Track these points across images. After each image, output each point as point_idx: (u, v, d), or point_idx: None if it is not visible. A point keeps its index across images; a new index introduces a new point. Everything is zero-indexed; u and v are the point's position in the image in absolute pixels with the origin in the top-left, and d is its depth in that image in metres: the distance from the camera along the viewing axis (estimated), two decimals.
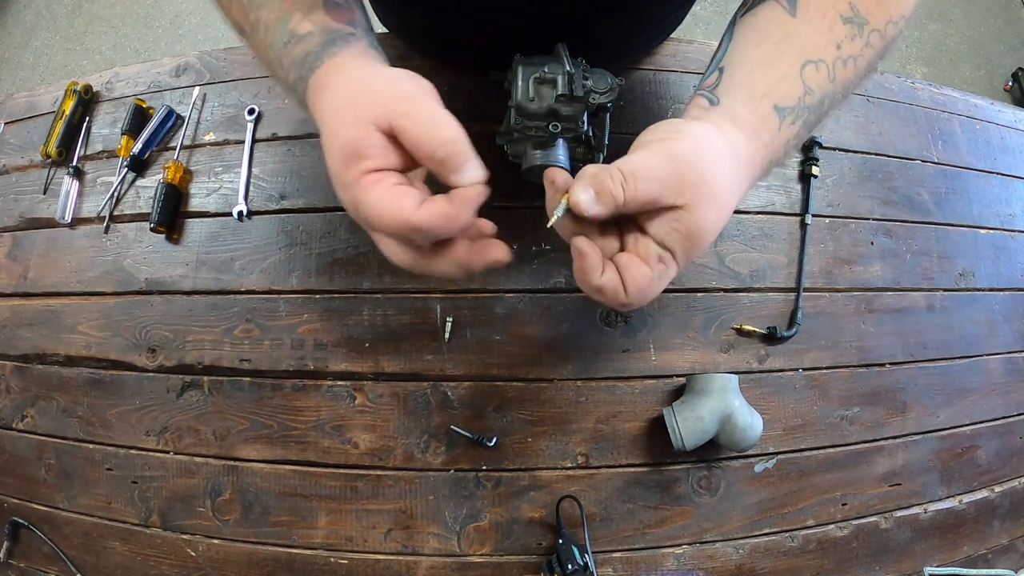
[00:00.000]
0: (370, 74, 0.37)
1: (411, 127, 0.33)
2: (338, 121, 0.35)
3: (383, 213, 0.33)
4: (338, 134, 0.35)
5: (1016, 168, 0.85)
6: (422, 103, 0.35)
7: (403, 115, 0.33)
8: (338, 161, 0.34)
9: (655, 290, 0.37)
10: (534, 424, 0.66)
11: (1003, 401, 0.76)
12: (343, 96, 0.36)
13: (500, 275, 0.68)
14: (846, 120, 0.79)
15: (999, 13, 2.30)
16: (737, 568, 0.66)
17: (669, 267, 0.37)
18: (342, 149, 0.34)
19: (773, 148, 0.40)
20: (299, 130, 0.75)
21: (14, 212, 0.80)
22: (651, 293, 0.37)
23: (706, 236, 0.36)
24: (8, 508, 0.72)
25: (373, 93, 0.35)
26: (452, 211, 0.33)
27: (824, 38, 0.40)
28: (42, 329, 0.74)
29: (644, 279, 0.36)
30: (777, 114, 0.39)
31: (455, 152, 0.33)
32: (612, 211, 0.35)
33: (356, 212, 0.35)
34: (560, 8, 0.55)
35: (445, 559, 0.64)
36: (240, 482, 0.67)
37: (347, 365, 0.67)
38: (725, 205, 0.37)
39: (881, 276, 0.74)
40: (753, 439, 0.61)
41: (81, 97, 0.80)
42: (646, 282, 0.36)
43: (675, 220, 0.36)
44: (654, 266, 0.36)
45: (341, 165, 0.34)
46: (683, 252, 0.36)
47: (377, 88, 0.35)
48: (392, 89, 0.35)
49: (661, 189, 0.35)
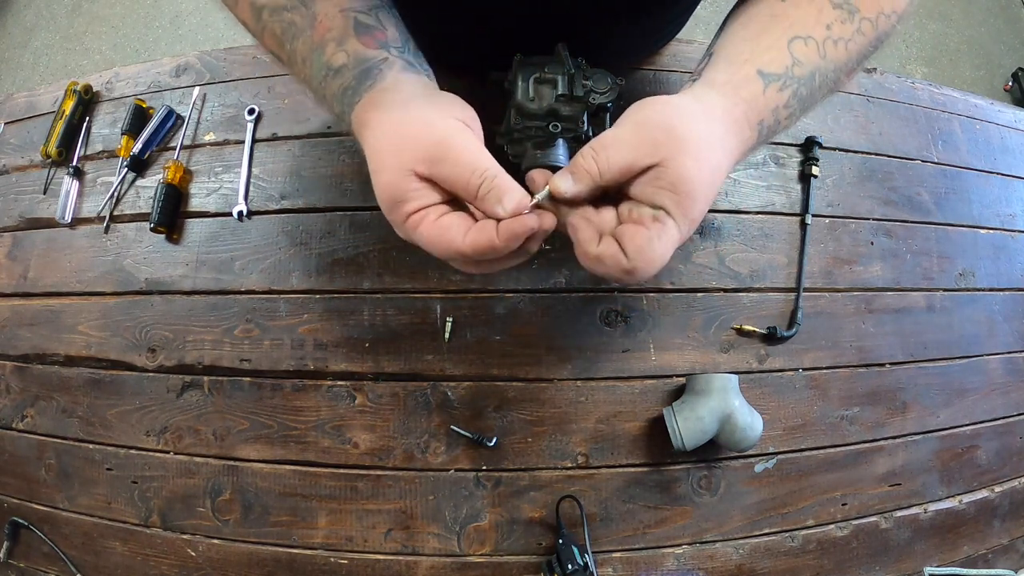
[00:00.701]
0: (405, 115, 0.38)
1: (447, 174, 0.36)
2: (379, 165, 0.37)
3: (434, 246, 0.37)
4: (381, 178, 0.37)
5: (1016, 168, 0.85)
6: (458, 146, 0.36)
7: (439, 162, 0.36)
8: (385, 204, 0.37)
9: (657, 252, 0.36)
10: (534, 424, 0.66)
11: (1003, 401, 0.76)
12: (382, 140, 0.38)
13: (500, 275, 0.68)
14: (846, 120, 0.79)
15: (999, 13, 2.30)
16: (737, 568, 0.66)
17: (666, 225, 0.36)
18: (386, 194, 0.37)
19: (758, 107, 0.40)
20: (299, 130, 0.75)
21: (14, 212, 0.80)
22: (654, 256, 0.36)
23: (693, 187, 0.36)
24: (8, 508, 0.72)
25: (410, 139, 0.37)
26: (498, 243, 0.35)
27: (813, 18, 0.41)
28: (42, 329, 0.74)
29: (641, 238, 0.36)
30: (761, 78, 0.40)
31: (493, 188, 0.35)
32: (591, 185, 0.37)
33: (414, 243, 0.38)
34: (561, 10, 0.55)
35: (445, 559, 0.64)
36: (240, 482, 0.67)
37: (347, 365, 0.67)
38: (707, 155, 0.37)
39: (881, 276, 0.74)
40: (753, 439, 0.61)
41: (81, 97, 0.80)
42: (644, 241, 0.36)
43: (656, 178, 0.36)
44: (650, 225, 0.36)
45: (388, 208, 0.37)
46: (676, 206, 0.36)
47: (413, 133, 0.37)
48: (429, 135, 0.37)
49: (633, 153, 0.36)
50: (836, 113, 0.79)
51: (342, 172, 0.72)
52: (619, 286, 0.69)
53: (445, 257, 0.38)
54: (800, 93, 0.41)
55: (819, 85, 0.42)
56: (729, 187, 0.73)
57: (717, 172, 0.38)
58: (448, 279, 0.68)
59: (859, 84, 0.81)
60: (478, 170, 0.36)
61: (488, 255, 0.36)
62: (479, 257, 0.36)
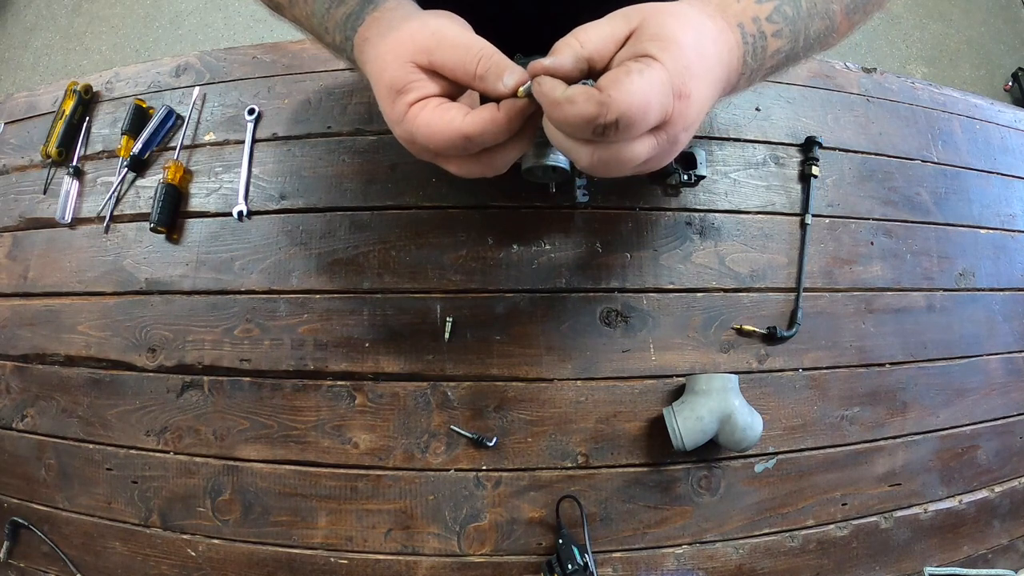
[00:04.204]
0: (404, 19, 0.39)
1: (447, 57, 0.36)
2: (381, 67, 0.38)
3: (434, 130, 0.36)
4: (383, 78, 0.38)
5: (1016, 168, 0.85)
6: (453, 33, 0.37)
7: (437, 48, 0.36)
8: (387, 102, 0.37)
9: (635, 85, 0.32)
10: (534, 424, 0.66)
11: (1003, 401, 0.76)
12: (382, 45, 0.39)
13: (500, 275, 0.68)
14: (846, 120, 0.79)
15: (999, 13, 2.30)
16: (737, 568, 0.66)
17: (651, 66, 0.33)
18: (388, 90, 0.37)
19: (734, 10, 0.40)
20: (299, 130, 0.75)
21: (14, 212, 0.80)
22: (631, 87, 0.32)
23: (677, 32, 0.34)
24: (8, 508, 0.72)
25: (408, 35, 0.38)
26: (499, 115, 0.35)
27: None
28: (42, 329, 0.74)
29: (620, 72, 0.33)
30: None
31: (491, 66, 0.35)
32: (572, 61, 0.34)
33: (412, 142, 0.38)
34: (560, 8, 0.55)
35: (445, 559, 0.64)
36: (240, 482, 0.67)
37: (347, 365, 0.67)
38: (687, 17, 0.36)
39: (881, 276, 0.74)
40: (753, 439, 0.61)
41: (81, 97, 0.80)
42: (622, 74, 0.32)
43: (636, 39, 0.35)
44: (632, 66, 0.33)
45: (390, 105, 0.37)
46: (661, 51, 0.33)
47: (412, 29, 0.38)
48: (425, 27, 0.38)
49: (611, 27, 0.36)
50: (836, 113, 0.79)
51: (342, 172, 0.72)
52: (619, 284, 0.69)
53: (443, 146, 0.37)
54: (784, 11, 0.40)
55: (808, 11, 0.41)
56: (729, 187, 0.73)
57: (701, 38, 0.36)
58: (448, 279, 0.68)
59: (859, 84, 0.81)
60: (475, 50, 0.36)
61: (490, 135, 0.36)
62: (480, 139, 0.36)
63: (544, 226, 0.70)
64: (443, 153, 0.38)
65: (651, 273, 0.70)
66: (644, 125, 0.33)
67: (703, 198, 0.72)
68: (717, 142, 0.74)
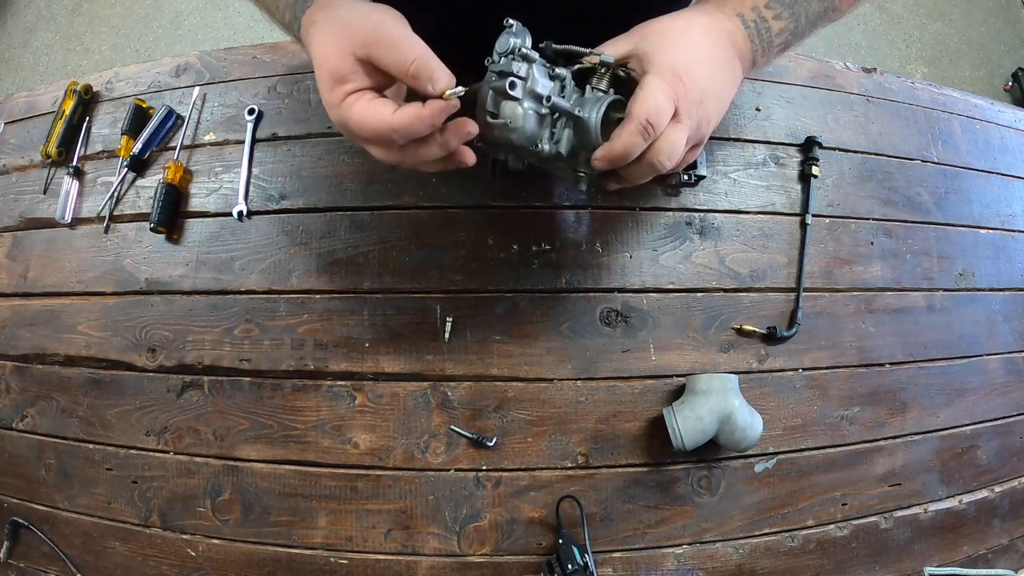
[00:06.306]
0: (348, 10, 0.43)
1: (384, 52, 0.40)
2: (323, 54, 0.42)
3: (367, 121, 0.41)
4: (324, 65, 0.42)
5: (1016, 168, 0.85)
6: (392, 30, 0.41)
7: (375, 43, 0.40)
8: (326, 88, 0.42)
9: (644, 95, 0.43)
10: (534, 424, 0.66)
11: (1003, 401, 0.76)
12: (327, 32, 0.42)
13: (500, 275, 0.68)
14: (846, 120, 0.79)
15: (999, 13, 2.30)
16: (737, 568, 0.66)
17: (644, 78, 0.44)
18: (329, 77, 0.41)
19: (732, 3, 0.47)
20: (299, 130, 0.75)
21: (14, 212, 0.80)
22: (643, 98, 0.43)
23: (670, 30, 0.44)
24: (8, 508, 0.72)
25: (351, 27, 0.41)
26: (424, 112, 0.40)
27: None
28: (42, 329, 0.74)
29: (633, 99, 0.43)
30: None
31: (424, 67, 0.40)
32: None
33: (345, 127, 0.42)
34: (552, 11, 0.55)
35: (445, 559, 0.64)
36: (240, 482, 0.67)
37: (347, 365, 0.67)
38: (675, 23, 0.45)
39: (881, 276, 0.74)
40: (753, 439, 0.61)
41: (81, 97, 0.80)
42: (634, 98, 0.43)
43: (635, 62, 0.46)
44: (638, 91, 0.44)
45: (328, 90, 0.42)
46: (648, 63, 0.44)
47: (353, 22, 0.42)
48: (366, 21, 0.41)
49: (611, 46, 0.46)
50: (836, 113, 0.79)
51: (342, 172, 0.72)
52: (619, 284, 0.69)
53: (372, 135, 0.41)
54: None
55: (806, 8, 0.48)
56: (729, 187, 0.73)
57: (690, 32, 0.44)
58: (448, 279, 0.68)
59: (859, 84, 0.81)
60: (410, 52, 0.40)
61: (413, 129, 0.40)
62: (405, 132, 0.40)
63: (544, 226, 0.70)
64: (371, 141, 0.43)
65: (651, 273, 0.70)
66: (666, 113, 0.42)
67: (703, 198, 0.72)
68: (717, 142, 0.74)
